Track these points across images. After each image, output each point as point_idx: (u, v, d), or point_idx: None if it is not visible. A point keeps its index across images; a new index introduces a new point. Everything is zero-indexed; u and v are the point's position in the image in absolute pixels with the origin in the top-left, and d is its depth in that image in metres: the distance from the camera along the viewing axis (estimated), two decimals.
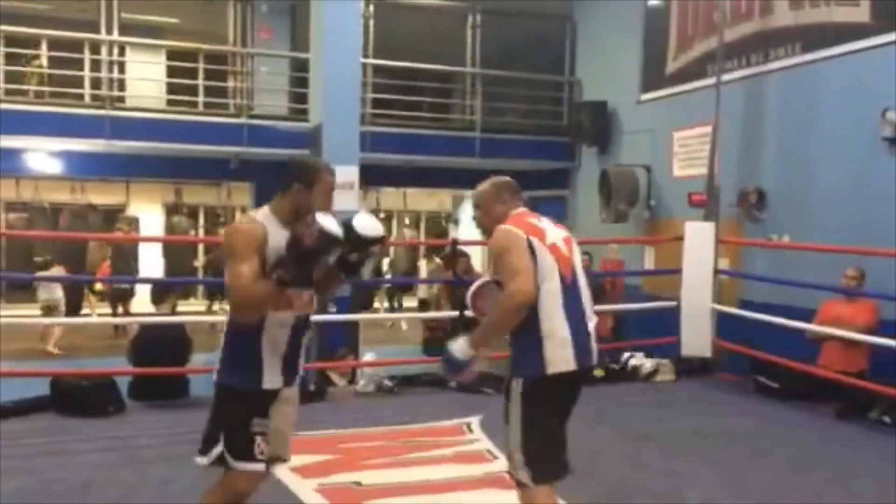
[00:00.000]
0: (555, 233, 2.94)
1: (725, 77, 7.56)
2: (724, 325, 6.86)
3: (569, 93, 10.94)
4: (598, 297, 7.84)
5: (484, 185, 3.11)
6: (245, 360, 2.77)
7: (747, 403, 5.95)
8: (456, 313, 6.58)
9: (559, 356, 2.77)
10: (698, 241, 6.75)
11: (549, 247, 2.84)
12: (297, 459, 4.23)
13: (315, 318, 7.07)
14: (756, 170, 7.57)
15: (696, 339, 6.66)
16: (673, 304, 6.87)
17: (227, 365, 2.81)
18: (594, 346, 2.91)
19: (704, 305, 6.66)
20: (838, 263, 5.91)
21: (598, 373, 6.60)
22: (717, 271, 6.80)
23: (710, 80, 7.69)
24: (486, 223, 3.02)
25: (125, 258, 12.58)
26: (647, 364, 6.73)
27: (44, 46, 9.72)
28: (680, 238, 6.89)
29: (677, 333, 6.77)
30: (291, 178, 2.78)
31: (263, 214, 2.76)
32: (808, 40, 7.04)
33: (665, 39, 8.98)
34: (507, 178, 3.14)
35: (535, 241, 2.81)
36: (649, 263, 8.91)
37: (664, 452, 4.65)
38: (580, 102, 10.50)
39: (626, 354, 6.94)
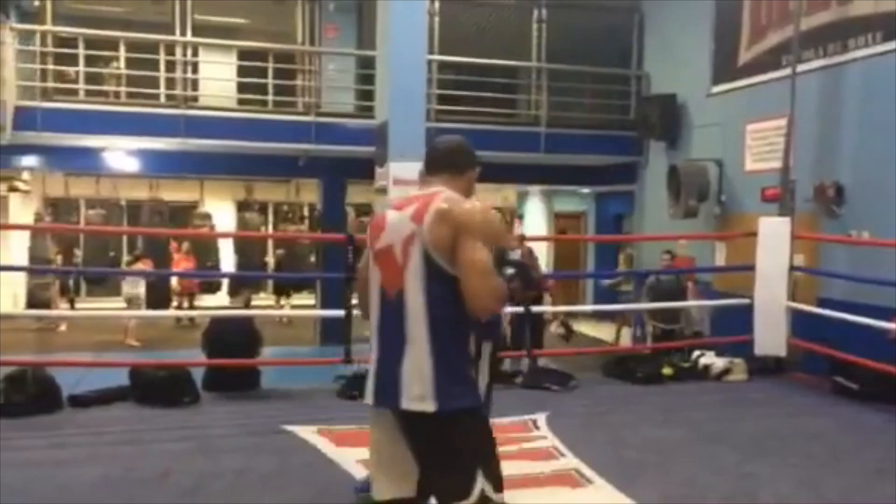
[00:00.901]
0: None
1: (801, 68, 7.32)
2: (800, 324, 6.66)
3: (636, 86, 10.77)
4: (677, 296, 7.87)
5: None
6: (468, 373, 2.36)
7: (824, 405, 5.76)
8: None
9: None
10: (773, 236, 6.57)
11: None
12: (366, 453, 4.32)
13: None
14: (834, 163, 7.31)
15: (771, 337, 6.48)
16: (746, 301, 6.70)
17: (454, 380, 2.29)
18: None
19: (779, 303, 6.47)
20: None
21: (667, 371, 6.52)
22: (792, 268, 6.60)
23: (786, 71, 7.46)
24: None
25: (207, 253, 13.02)
26: (718, 363, 6.58)
27: (121, 48, 10.05)
28: (753, 234, 6.71)
29: (750, 332, 6.60)
30: (467, 162, 2.53)
31: (452, 198, 2.36)
32: (890, 29, 6.74)
33: (737, 30, 8.74)
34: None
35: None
36: (720, 260, 8.71)
37: (737, 453, 4.54)
38: (648, 96, 10.33)
39: (697, 353, 6.80)
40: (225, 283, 12.94)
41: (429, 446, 2.30)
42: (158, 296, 12.19)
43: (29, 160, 10.64)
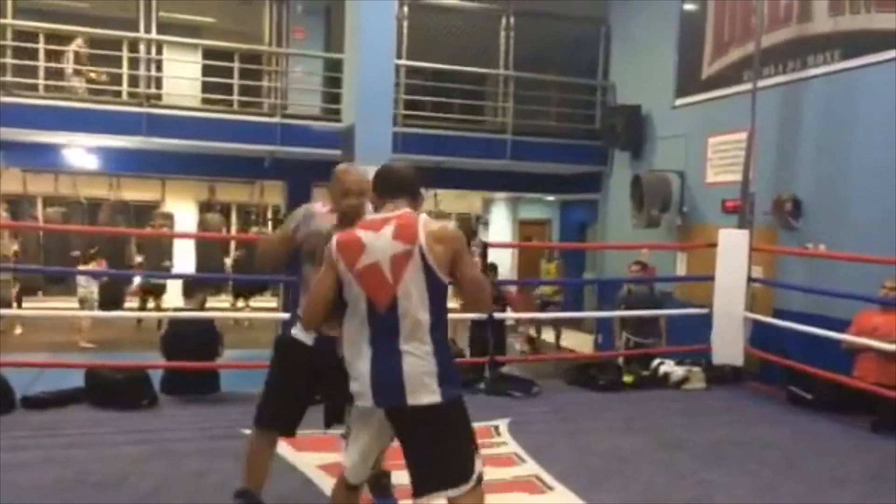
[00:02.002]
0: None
1: (762, 83, 7.48)
2: (757, 334, 6.79)
3: (602, 96, 10.90)
4: (651, 309, 7.81)
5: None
6: (455, 365, 2.72)
7: (780, 413, 5.87)
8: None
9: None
10: (732, 248, 6.68)
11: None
12: (324, 457, 4.29)
13: None
14: (792, 177, 7.48)
15: (728, 347, 6.59)
16: (705, 311, 6.80)
17: (449, 373, 2.60)
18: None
19: (737, 313, 6.58)
20: (875, 273, 5.80)
21: (627, 378, 6.59)
22: (750, 279, 6.72)
23: (747, 86, 7.60)
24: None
25: (159, 254, 12.81)
26: (677, 371, 6.67)
27: (76, 44, 9.85)
28: (713, 245, 6.82)
29: (708, 341, 6.71)
30: (420, 188, 2.79)
31: (431, 220, 2.70)
32: (848, 47, 6.94)
33: (701, 44, 8.91)
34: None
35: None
36: (681, 270, 8.84)
37: (696, 460, 4.61)
38: (613, 106, 10.46)
39: (657, 361, 6.89)
40: (178, 284, 12.78)
41: (435, 436, 2.58)
42: (112, 296, 11.98)
43: None
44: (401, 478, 4.18)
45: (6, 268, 11.14)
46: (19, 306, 12.99)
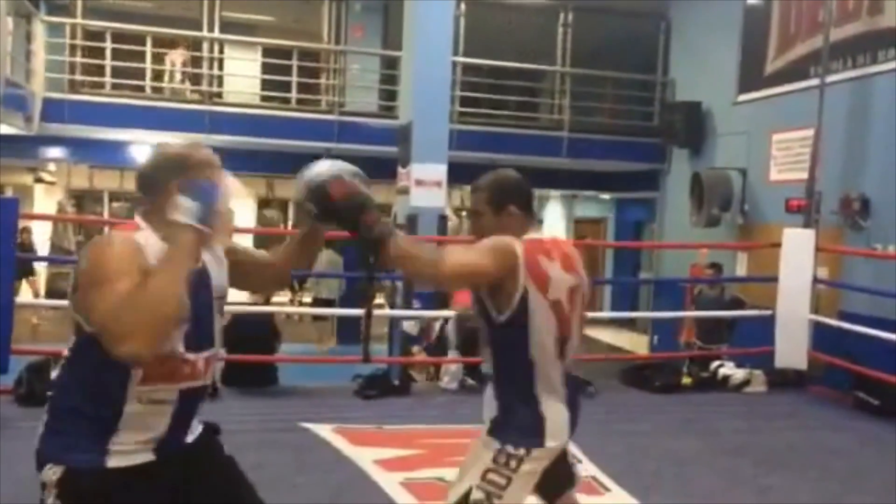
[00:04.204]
0: None
1: (830, 78, 7.24)
2: (822, 337, 6.59)
3: (661, 93, 10.72)
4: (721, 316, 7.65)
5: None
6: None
7: (845, 420, 5.69)
8: None
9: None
10: (797, 248, 6.49)
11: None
12: (382, 452, 4.33)
13: (397, 312, 7.22)
14: (860, 176, 7.23)
15: (792, 350, 6.41)
16: (767, 312, 6.64)
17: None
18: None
19: (801, 316, 6.40)
20: None
21: (686, 381, 6.48)
22: (815, 280, 6.53)
23: (814, 81, 7.39)
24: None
25: None
26: (738, 374, 6.52)
27: (148, 43, 10.13)
28: (777, 245, 6.64)
29: (770, 343, 6.54)
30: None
31: None
32: None
33: (765, 39, 8.68)
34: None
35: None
36: (741, 270, 8.64)
37: (755, 466, 4.50)
38: (673, 103, 10.28)
39: (716, 363, 6.75)
40: None
41: None
42: None
43: (55, 152, 10.76)
44: None
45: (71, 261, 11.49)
46: None
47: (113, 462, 1.77)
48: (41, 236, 12.41)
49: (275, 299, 13.57)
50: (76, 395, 1.79)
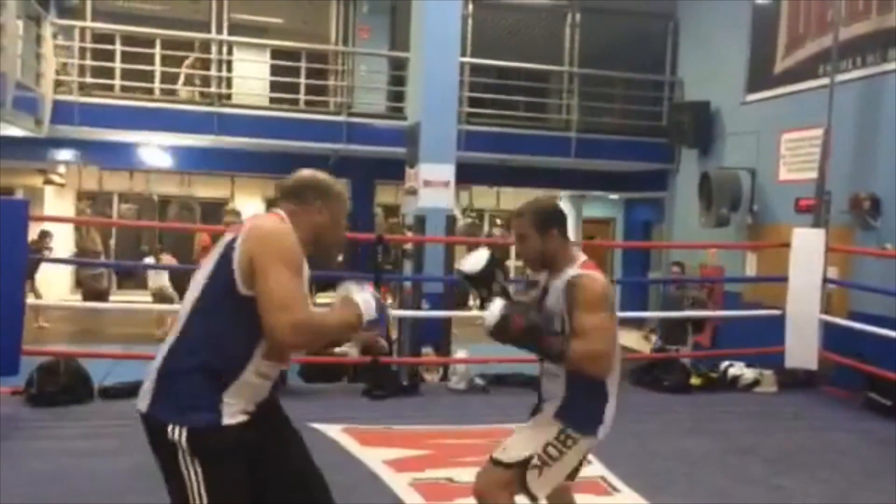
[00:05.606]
0: None
1: (839, 77, 7.22)
2: (832, 337, 6.56)
3: (669, 93, 10.70)
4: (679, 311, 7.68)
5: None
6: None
7: (856, 420, 5.67)
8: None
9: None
10: (806, 248, 6.47)
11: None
12: (390, 453, 4.34)
13: (407, 313, 7.21)
14: (870, 175, 7.20)
15: (802, 350, 6.39)
16: (777, 312, 6.61)
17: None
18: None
19: (812, 316, 6.37)
20: None
21: (695, 381, 6.46)
22: (825, 280, 6.50)
23: (823, 81, 7.37)
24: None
25: None
26: (747, 374, 6.50)
27: (157, 46, 10.18)
28: (786, 245, 6.62)
29: (780, 343, 6.51)
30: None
31: None
32: None
33: (774, 38, 8.65)
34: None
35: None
36: (750, 270, 8.61)
37: (766, 466, 4.49)
38: (681, 103, 10.26)
39: (725, 363, 6.73)
40: None
41: None
42: (183, 288, 12.30)
43: (65, 154, 10.80)
44: None
45: (100, 263, 11.55)
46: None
47: (226, 419, 2.06)
48: (60, 238, 12.49)
49: None
50: (202, 352, 2.07)
